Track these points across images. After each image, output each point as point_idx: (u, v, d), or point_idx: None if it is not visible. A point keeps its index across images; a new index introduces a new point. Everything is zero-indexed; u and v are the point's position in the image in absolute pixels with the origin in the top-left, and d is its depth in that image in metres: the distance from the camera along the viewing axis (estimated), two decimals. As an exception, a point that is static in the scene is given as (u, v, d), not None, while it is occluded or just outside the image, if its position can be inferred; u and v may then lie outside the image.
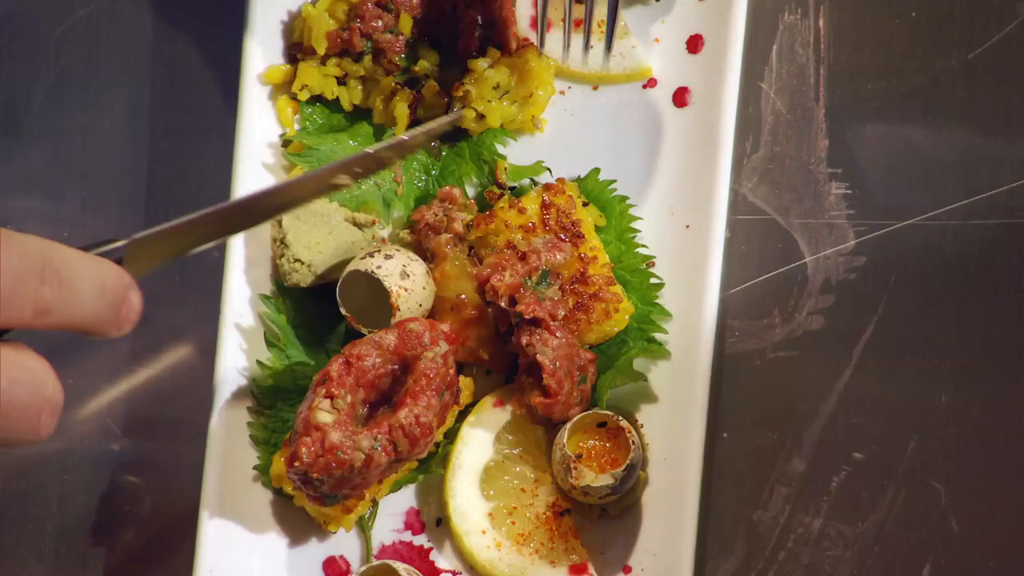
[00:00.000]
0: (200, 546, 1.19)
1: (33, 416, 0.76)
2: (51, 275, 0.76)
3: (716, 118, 1.21)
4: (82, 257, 0.79)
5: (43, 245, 0.77)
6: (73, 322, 0.78)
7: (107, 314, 0.80)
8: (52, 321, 0.77)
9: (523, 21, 1.27)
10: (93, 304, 0.79)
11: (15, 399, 0.75)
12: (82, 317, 0.79)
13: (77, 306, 0.78)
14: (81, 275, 0.78)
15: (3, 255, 0.74)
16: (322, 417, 1.10)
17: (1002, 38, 1.21)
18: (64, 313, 0.77)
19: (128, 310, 0.82)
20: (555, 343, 1.15)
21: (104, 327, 0.81)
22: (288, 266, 1.21)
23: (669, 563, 1.15)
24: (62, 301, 0.77)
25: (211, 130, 1.29)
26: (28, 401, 0.76)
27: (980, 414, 1.16)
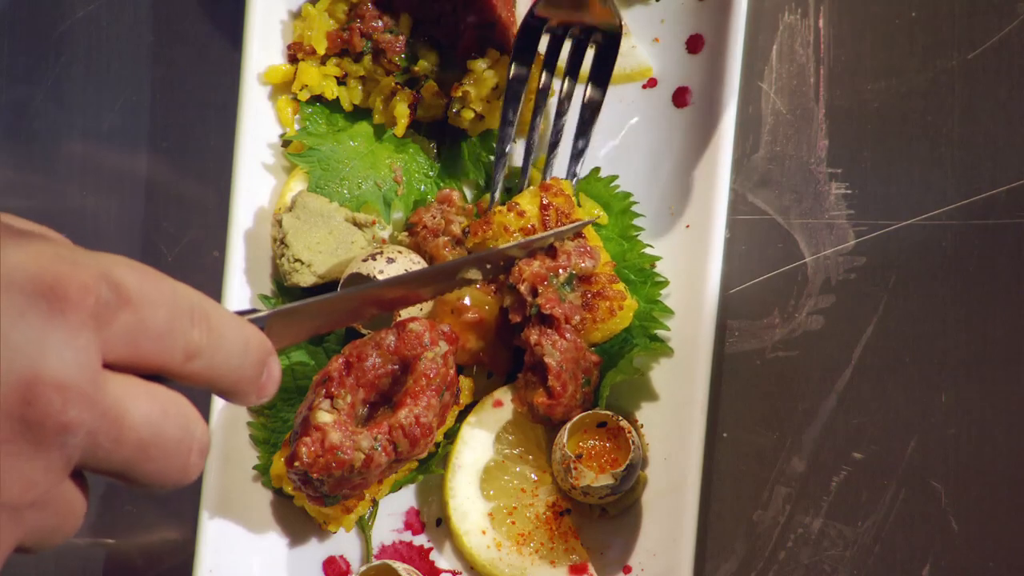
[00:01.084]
0: (200, 546, 1.19)
1: (184, 454, 0.75)
2: (201, 319, 0.76)
3: (716, 118, 1.21)
4: (228, 312, 0.79)
5: (193, 292, 0.77)
6: (217, 373, 0.77)
7: (249, 373, 0.80)
8: (197, 368, 0.76)
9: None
10: (238, 359, 0.78)
11: (168, 434, 0.74)
12: (226, 370, 0.78)
13: (222, 357, 0.77)
14: (228, 327, 0.78)
15: (160, 291, 0.74)
16: (322, 417, 1.10)
17: (1002, 38, 1.21)
18: (210, 361, 0.76)
19: (268, 377, 0.82)
20: (563, 345, 1.15)
21: (245, 387, 0.80)
22: (288, 266, 1.21)
23: (669, 563, 1.15)
24: (210, 348, 0.76)
25: (211, 130, 1.29)
26: (180, 437, 0.75)
27: (980, 414, 1.16)
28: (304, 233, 1.22)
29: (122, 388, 0.73)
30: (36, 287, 0.70)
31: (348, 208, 1.23)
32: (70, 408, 0.70)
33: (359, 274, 1.17)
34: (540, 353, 1.15)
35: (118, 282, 0.72)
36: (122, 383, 0.73)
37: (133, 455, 0.73)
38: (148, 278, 0.74)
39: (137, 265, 0.74)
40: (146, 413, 0.73)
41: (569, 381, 1.15)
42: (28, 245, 0.72)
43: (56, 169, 1.32)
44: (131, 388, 0.73)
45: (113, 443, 0.72)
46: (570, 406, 1.16)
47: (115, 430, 0.72)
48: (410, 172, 1.25)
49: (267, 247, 1.24)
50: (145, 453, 0.74)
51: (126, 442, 0.73)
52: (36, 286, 0.70)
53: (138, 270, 0.74)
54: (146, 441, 0.74)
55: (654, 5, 1.26)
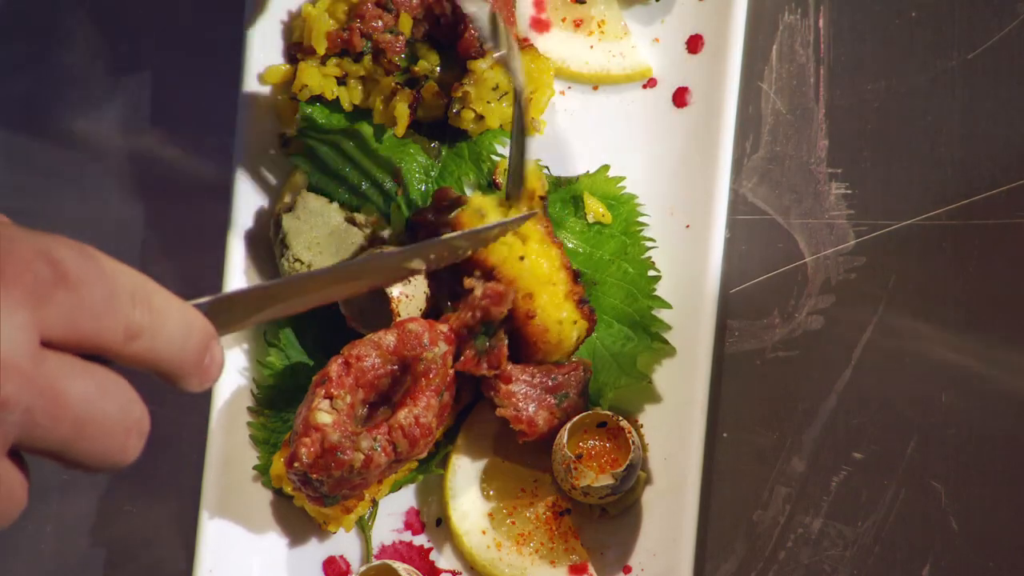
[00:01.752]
0: (200, 546, 1.19)
1: (122, 434, 0.75)
2: (142, 300, 0.75)
3: (716, 118, 1.21)
4: (170, 295, 0.78)
5: (135, 272, 0.76)
6: (159, 355, 0.76)
7: (192, 358, 0.79)
8: (138, 349, 0.75)
9: (523, 21, 1.27)
10: (180, 342, 0.77)
11: (107, 413, 0.74)
12: (168, 353, 0.77)
13: (164, 338, 0.76)
14: (170, 309, 0.77)
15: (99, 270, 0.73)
16: (322, 418, 1.10)
17: (1002, 38, 1.21)
18: (152, 342, 0.75)
19: (211, 361, 0.80)
20: (515, 388, 1.15)
21: (187, 371, 0.79)
22: (288, 266, 1.21)
23: (669, 563, 1.15)
24: (151, 328, 0.75)
25: (211, 130, 1.29)
26: (118, 417, 0.74)
27: (980, 414, 1.16)
28: (304, 233, 1.21)
29: (60, 366, 0.72)
30: None
31: (348, 208, 1.23)
32: (6, 385, 0.70)
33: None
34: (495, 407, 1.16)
35: (57, 260, 0.72)
36: (60, 361, 0.72)
37: (70, 434, 0.73)
38: (87, 257, 0.73)
39: (76, 244, 0.73)
40: (84, 391, 0.73)
41: (536, 413, 1.16)
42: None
43: (55, 169, 1.32)
44: (69, 366, 0.72)
45: (50, 421, 0.72)
46: (551, 427, 1.16)
47: (52, 408, 0.72)
48: (410, 172, 1.25)
49: (266, 247, 1.24)
50: (82, 432, 0.73)
51: (63, 420, 0.72)
52: None
53: (77, 249, 0.73)
54: (83, 420, 0.73)
55: (654, 5, 1.26)
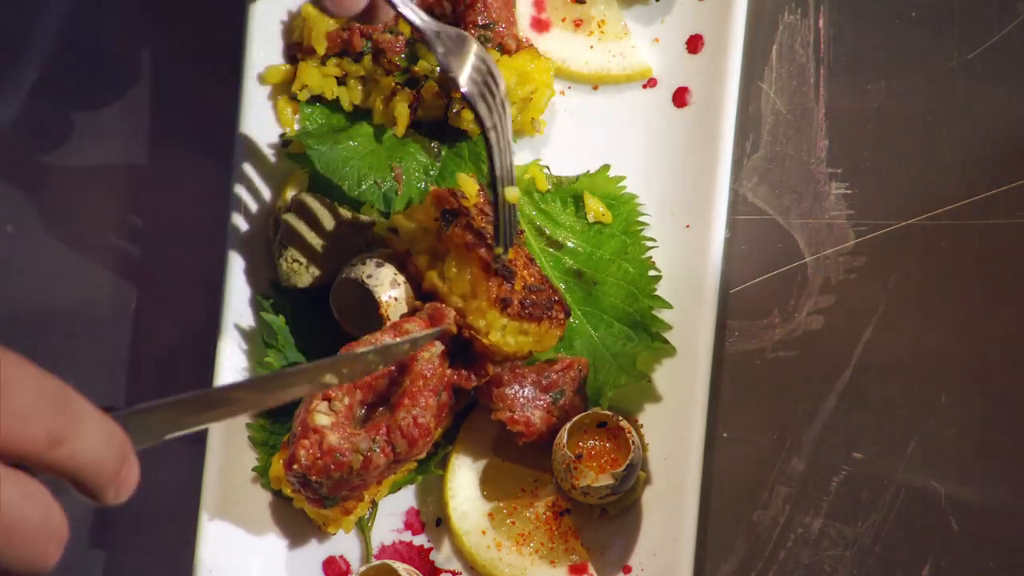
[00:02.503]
0: (200, 546, 1.19)
1: (42, 541, 0.75)
2: (65, 406, 0.75)
3: (716, 118, 1.21)
4: (90, 405, 0.78)
5: (57, 379, 0.76)
6: (79, 463, 0.76)
7: (110, 467, 0.78)
8: (60, 456, 0.75)
9: (523, 21, 1.27)
10: (100, 450, 0.77)
11: (29, 520, 0.74)
12: (88, 461, 0.77)
13: (84, 445, 0.76)
14: (91, 417, 0.77)
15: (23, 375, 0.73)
16: (320, 419, 1.10)
17: (1002, 38, 1.21)
18: (73, 450, 0.75)
19: (128, 471, 0.80)
20: (507, 390, 1.16)
21: (104, 481, 0.78)
22: (287, 266, 1.21)
23: (669, 563, 1.15)
24: (73, 435, 0.75)
25: (211, 130, 1.29)
26: (39, 525, 0.74)
27: (980, 414, 1.16)
28: (303, 234, 1.21)
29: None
30: None
31: (348, 209, 1.23)
32: None
33: (349, 279, 1.17)
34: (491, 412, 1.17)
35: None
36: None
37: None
38: (11, 363, 0.73)
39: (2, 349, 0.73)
40: (7, 498, 0.73)
41: (532, 413, 1.16)
42: None
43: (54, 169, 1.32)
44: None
45: None
46: (549, 427, 1.16)
47: None
48: (410, 172, 1.25)
49: (266, 247, 1.24)
50: (6, 538, 0.73)
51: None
52: None
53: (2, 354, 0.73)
54: (7, 526, 0.73)
55: (654, 5, 1.26)
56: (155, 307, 1.29)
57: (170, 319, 1.28)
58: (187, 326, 1.28)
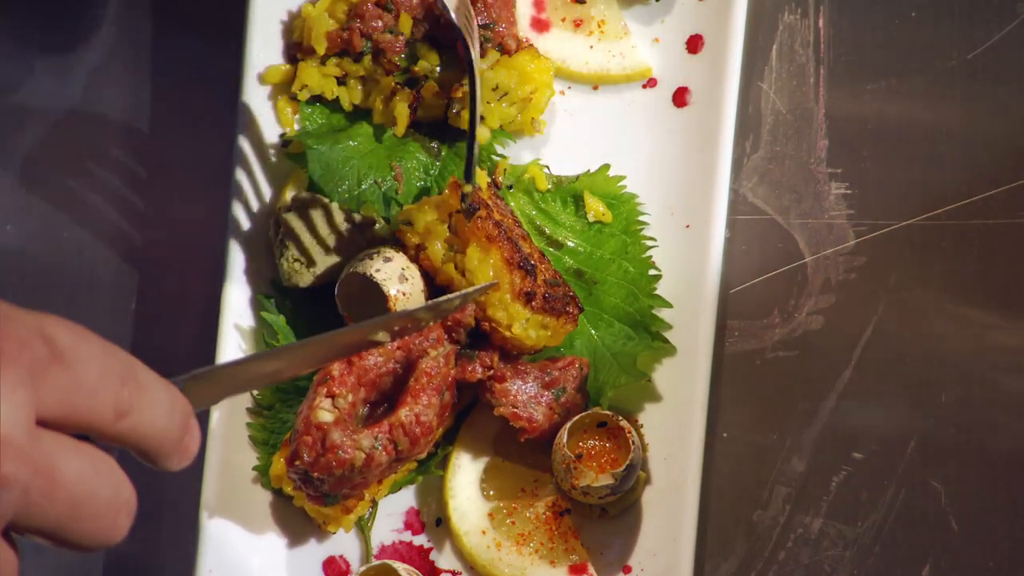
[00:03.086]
0: (200, 546, 1.19)
1: (112, 514, 0.75)
2: (130, 377, 0.75)
3: (716, 118, 1.21)
4: (154, 374, 0.78)
5: (122, 351, 0.76)
6: (145, 433, 0.77)
7: (173, 435, 0.79)
8: (126, 427, 0.75)
9: (523, 21, 1.27)
10: (164, 419, 0.78)
11: (99, 493, 0.74)
12: (152, 431, 0.77)
13: (149, 416, 0.76)
14: (155, 387, 0.77)
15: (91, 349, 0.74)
16: (323, 416, 1.10)
17: (1002, 38, 1.21)
18: (138, 421, 0.76)
19: (190, 439, 0.81)
20: (510, 386, 1.16)
21: (168, 449, 0.79)
22: (288, 266, 1.21)
23: (669, 563, 1.15)
24: (139, 406, 0.76)
25: (211, 130, 1.29)
26: (110, 497, 0.74)
27: (980, 414, 1.16)
28: (303, 233, 1.21)
29: (55, 445, 0.72)
30: None
31: (348, 208, 1.23)
32: (4, 463, 0.70)
33: (356, 273, 1.17)
34: (493, 408, 1.16)
35: (51, 338, 0.72)
36: (55, 440, 0.72)
37: (65, 513, 0.73)
38: (80, 336, 0.74)
39: (69, 324, 0.74)
40: (78, 471, 0.73)
41: (535, 409, 1.16)
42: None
43: (54, 169, 1.32)
44: (64, 445, 0.73)
45: (46, 500, 0.72)
46: (551, 423, 1.16)
47: (48, 487, 0.72)
48: (410, 172, 1.25)
49: (266, 247, 1.24)
50: (76, 512, 0.73)
51: (58, 500, 0.72)
52: None
53: (70, 328, 0.73)
54: (78, 499, 0.73)
55: (654, 5, 1.26)
56: (155, 306, 1.29)
57: (170, 319, 1.28)
58: (187, 326, 1.28)
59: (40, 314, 0.73)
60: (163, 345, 1.28)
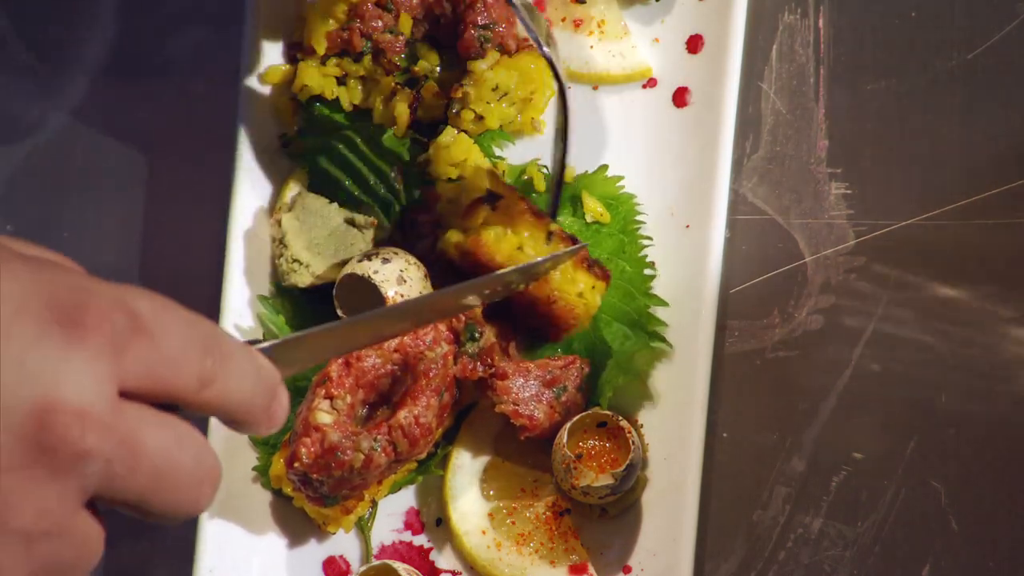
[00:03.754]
0: (200, 546, 1.19)
1: (197, 485, 0.74)
2: (214, 347, 0.75)
3: (716, 118, 1.21)
4: (238, 341, 0.78)
5: (205, 321, 0.76)
6: (230, 402, 0.76)
7: (260, 402, 0.78)
8: (211, 396, 0.75)
9: (523, 21, 1.27)
10: (249, 387, 0.77)
11: (183, 464, 0.73)
12: (239, 398, 0.77)
13: (234, 383, 0.76)
14: (239, 355, 0.77)
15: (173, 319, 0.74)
16: (322, 418, 1.10)
17: (1002, 38, 1.21)
18: (223, 389, 0.75)
19: (278, 405, 0.80)
20: (511, 383, 1.16)
21: (256, 416, 0.79)
22: (287, 266, 1.21)
23: (669, 563, 1.15)
24: (223, 374, 0.75)
25: (211, 130, 1.29)
26: (193, 467, 0.74)
27: (980, 414, 1.16)
28: (303, 233, 1.22)
29: (137, 417, 0.72)
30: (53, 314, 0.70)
31: (347, 209, 1.23)
32: (88, 435, 0.69)
33: (355, 275, 1.17)
34: (494, 405, 1.16)
35: (134, 310, 0.72)
36: (137, 412, 0.72)
37: (148, 485, 0.72)
38: (162, 307, 0.73)
39: (151, 294, 0.74)
40: (161, 443, 0.73)
41: (535, 408, 1.16)
42: (43, 272, 0.71)
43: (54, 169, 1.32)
44: (146, 417, 0.72)
45: (129, 472, 0.71)
46: (552, 422, 1.17)
47: (131, 459, 0.71)
48: (410, 172, 1.25)
49: (266, 247, 1.24)
50: (160, 483, 0.73)
51: (142, 471, 0.72)
52: (53, 313, 0.70)
53: (152, 299, 0.73)
54: (161, 471, 0.73)
55: (654, 5, 1.26)
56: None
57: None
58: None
59: (122, 286, 0.73)
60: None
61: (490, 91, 1.22)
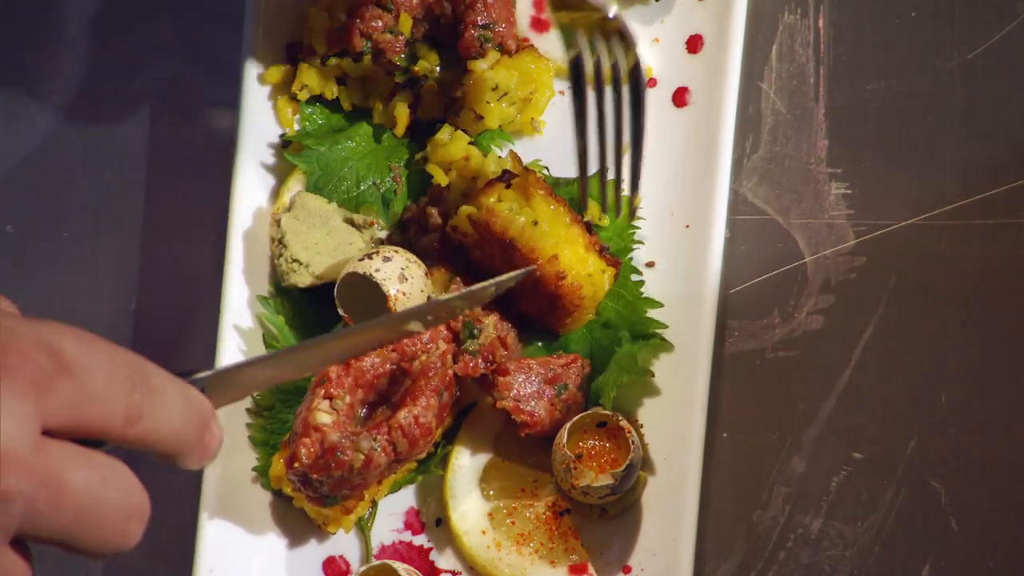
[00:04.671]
0: (200, 546, 1.19)
1: (122, 521, 0.75)
2: (142, 382, 0.75)
3: (716, 118, 1.21)
4: (168, 375, 0.78)
5: (132, 355, 0.76)
6: (159, 436, 0.77)
7: (191, 435, 0.79)
8: (139, 431, 0.75)
9: (523, 21, 1.27)
10: (179, 421, 0.78)
11: (108, 500, 0.74)
12: (167, 432, 0.77)
13: (163, 418, 0.76)
14: (168, 389, 0.77)
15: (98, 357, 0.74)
16: (321, 418, 1.10)
17: (1002, 38, 1.21)
18: (152, 424, 0.76)
19: (210, 437, 0.80)
20: (513, 379, 1.16)
21: (187, 449, 0.79)
22: (286, 266, 1.21)
23: (669, 563, 1.15)
24: (151, 410, 0.76)
25: (211, 130, 1.29)
26: (118, 503, 0.75)
27: (980, 414, 1.16)
28: (302, 234, 1.22)
29: (61, 455, 0.72)
30: None
31: (347, 209, 1.23)
32: (8, 477, 0.70)
33: (356, 273, 1.17)
34: (495, 402, 1.16)
35: (57, 349, 0.72)
36: (61, 450, 0.72)
37: (73, 523, 0.73)
38: (86, 344, 0.74)
39: (75, 331, 0.74)
40: (85, 480, 0.73)
41: (536, 405, 1.16)
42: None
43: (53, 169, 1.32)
44: (70, 455, 0.73)
45: (52, 511, 0.72)
46: (552, 420, 1.17)
47: (54, 498, 0.72)
48: (409, 172, 1.25)
49: (266, 247, 1.24)
50: (84, 521, 0.73)
51: (65, 510, 0.72)
52: None
53: (76, 337, 0.74)
54: (85, 508, 0.73)
55: (654, 5, 1.26)
56: (155, 307, 1.29)
57: (170, 319, 1.28)
58: (187, 326, 1.28)
59: (44, 323, 0.73)
60: (163, 345, 1.28)
61: (490, 91, 1.22)
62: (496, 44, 1.23)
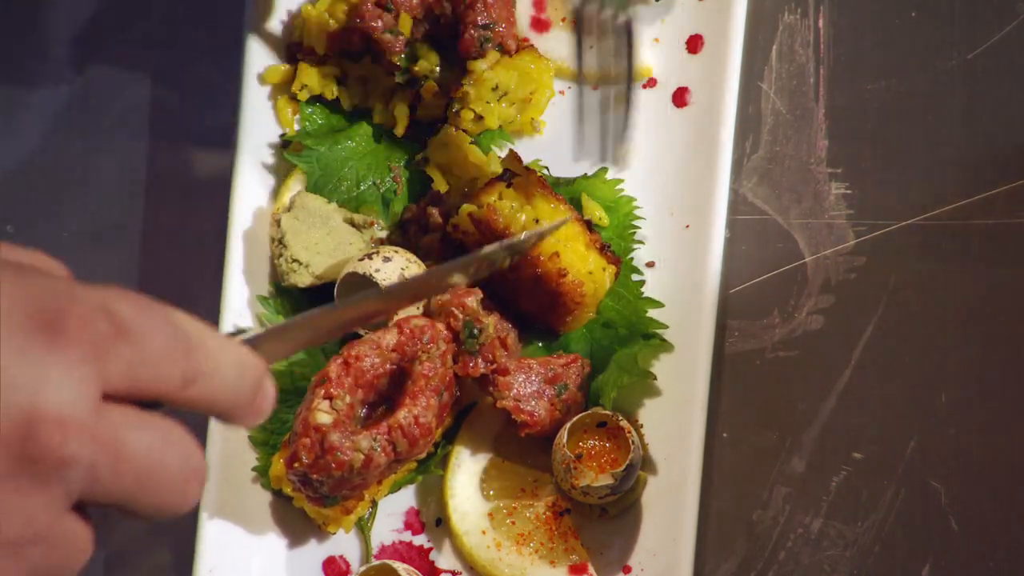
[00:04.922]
0: (200, 546, 1.19)
1: (182, 483, 0.75)
2: (197, 344, 0.75)
3: (716, 118, 1.21)
4: (222, 336, 0.78)
5: (188, 318, 0.76)
6: (214, 397, 0.77)
7: (245, 395, 0.79)
8: (196, 393, 0.76)
9: (523, 21, 1.27)
10: (234, 382, 0.78)
11: (167, 464, 0.74)
12: (223, 394, 0.77)
13: (219, 380, 0.77)
14: (223, 351, 0.77)
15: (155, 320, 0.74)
16: (321, 418, 1.10)
17: (1002, 38, 1.21)
18: (207, 386, 0.76)
19: (263, 397, 0.81)
20: (513, 379, 1.16)
21: (241, 410, 0.79)
22: (286, 266, 1.21)
23: (669, 563, 1.15)
24: (207, 372, 0.76)
25: (211, 130, 1.29)
26: (178, 466, 0.75)
27: (980, 414, 1.16)
28: (302, 234, 1.22)
29: (121, 419, 0.73)
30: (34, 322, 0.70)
31: (347, 209, 1.23)
32: (70, 442, 0.70)
33: (356, 273, 1.17)
34: (495, 401, 1.16)
35: (115, 313, 0.72)
36: (121, 414, 0.73)
37: (133, 486, 0.73)
38: (144, 308, 0.74)
39: (133, 296, 0.74)
40: (145, 444, 0.73)
41: (536, 404, 1.16)
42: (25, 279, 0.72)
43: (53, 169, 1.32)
44: (130, 419, 0.73)
45: (113, 475, 0.72)
46: (552, 420, 1.17)
47: (115, 462, 0.72)
48: (409, 172, 1.25)
49: (266, 247, 1.24)
50: (145, 484, 0.74)
51: (126, 474, 0.73)
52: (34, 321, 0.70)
53: (134, 301, 0.74)
54: (146, 472, 0.73)
55: (654, 5, 1.26)
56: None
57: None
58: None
59: (104, 288, 0.73)
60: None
61: (490, 91, 1.22)
62: (496, 44, 1.23)
